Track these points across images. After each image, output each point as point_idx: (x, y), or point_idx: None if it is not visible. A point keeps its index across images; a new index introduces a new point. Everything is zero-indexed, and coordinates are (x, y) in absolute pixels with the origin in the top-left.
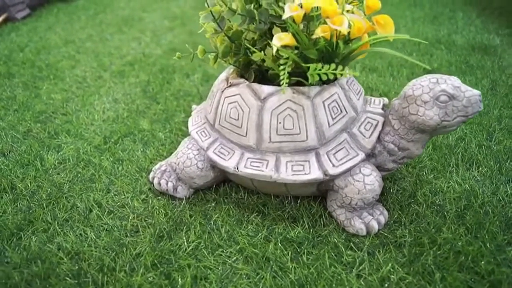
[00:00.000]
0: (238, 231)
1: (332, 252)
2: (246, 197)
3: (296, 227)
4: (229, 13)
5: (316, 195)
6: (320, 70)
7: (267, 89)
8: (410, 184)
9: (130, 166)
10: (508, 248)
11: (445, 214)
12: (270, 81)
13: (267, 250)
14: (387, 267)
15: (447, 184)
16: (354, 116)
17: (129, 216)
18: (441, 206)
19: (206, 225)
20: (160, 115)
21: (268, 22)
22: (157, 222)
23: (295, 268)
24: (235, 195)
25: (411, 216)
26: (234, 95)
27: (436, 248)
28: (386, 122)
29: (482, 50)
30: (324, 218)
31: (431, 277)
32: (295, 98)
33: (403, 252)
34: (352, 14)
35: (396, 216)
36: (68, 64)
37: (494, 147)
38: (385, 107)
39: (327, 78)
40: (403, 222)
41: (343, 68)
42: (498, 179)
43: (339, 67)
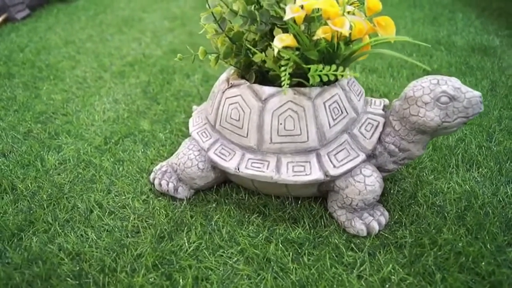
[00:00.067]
0: (239, 231)
1: (333, 253)
2: (246, 197)
3: (297, 228)
4: (230, 14)
5: (316, 196)
6: (321, 71)
7: (268, 90)
8: (411, 185)
9: (130, 167)
10: (509, 249)
11: (445, 215)
12: (271, 82)
13: (268, 251)
14: (388, 268)
15: (448, 185)
16: (355, 117)
17: (130, 217)
18: (441, 207)
19: (207, 225)
20: (161, 116)
21: (269, 23)
22: (158, 223)
23: (296, 269)
24: (236, 196)
25: (411, 217)
26: (235, 96)
27: (437, 249)
28: (386, 123)
29: (481, 51)
30: (324, 219)
31: (431, 278)
32: (296, 99)
33: (403, 253)
34: (353, 15)
35: (396, 217)
36: (68, 64)
37: (494, 148)
38: (385, 108)
39: (328, 79)
40: (404, 223)
41: (344, 69)
42: (498, 180)
43: (340, 68)
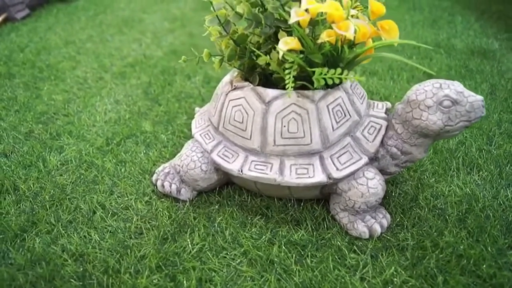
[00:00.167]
0: (242, 233)
1: (335, 255)
2: (249, 199)
3: (299, 230)
4: (235, 17)
5: (319, 198)
6: (325, 74)
7: (272, 92)
8: (412, 187)
9: (133, 168)
10: (509, 252)
11: (446, 217)
12: (274, 84)
13: (271, 253)
14: (390, 270)
15: (448, 188)
16: (358, 120)
17: (133, 218)
18: (442, 210)
19: (210, 227)
20: (162, 117)
21: (273, 26)
22: (161, 224)
23: (299, 271)
24: (239, 198)
25: (413, 219)
26: (239, 98)
27: (439, 251)
28: (389, 126)
29: (481, 55)
30: (327, 221)
31: (433, 280)
32: (299, 101)
33: (405, 255)
34: (357, 19)
35: (398, 219)
36: (68, 65)
37: (494, 152)
38: (388, 111)
39: (332, 82)
40: (406, 225)
41: (348, 72)
42: (498, 183)
43: (345, 72)
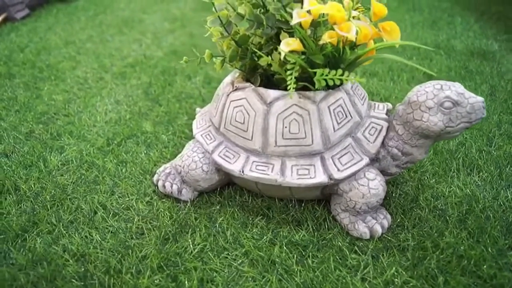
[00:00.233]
0: (243, 234)
1: (336, 256)
2: (250, 200)
3: (300, 230)
4: (237, 18)
5: (320, 198)
6: (327, 75)
7: (273, 93)
8: (412, 188)
9: (134, 168)
10: (510, 252)
11: (447, 218)
12: (276, 85)
13: (273, 253)
14: (391, 271)
15: (449, 188)
16: (359, 121)
17: (134, 218)
18: (443, 211)
19: (211, 227)
20: (163, 117)
21: (275, 27)
22: (162, 225)
23: (300, 271)
24: (240, 198)
25: (413, 220)
26: (240, 99)
27: (439, 252)
28: (390, 127)
29: (481, 56)
30: (328, 222)
31: (434, 280)
32: (301, 102)
33: (406, 256)
34: (358, 20)
35: (399, 220)
36: (68, 65)
37: (494, 153)
38: (388, 113)
39: (333, 83)
40: (406, 226)
41: (349, 74)
42: (498, 184)
43: (346, 73)
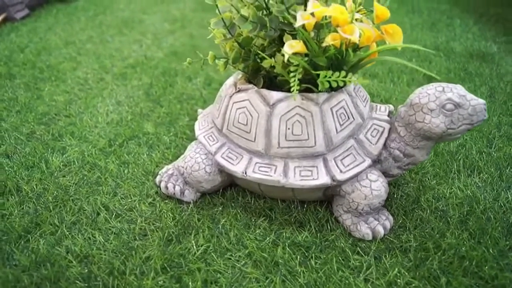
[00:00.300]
0: (246, 235)
1: (339, 257)
2: (252, 201)
3: (303, 231)
4: (241, 20)
5: (322, 200)
6: (330, 77)
7: (276, 95)
8: (414, 189)
9: (136, 169)
10: (511, 253)
11: (448, 219)
12: (278, 87)
13: (276, 254)
14: (394, 272)
15: (450, 190)
16: (361, 122)
17: (137, 220)
18: (444, 212)
19: (214, 229)
20: (164, 118)
21: (278, 29)
22: (165, 226)
23: (303, 272)
24: (242, 199)
25: (415, 221)
26: (243, 101)
27: (441, 253)
28: (392, 129)
29: (480, 58)
30: (330, 223)
31: (437, 281)
32: (303, 104)
33: (408, 257)
34: (361, 22)
35: (400, 221)
36: (69, 65)
37: (494, 154)
38: (390, 114)
39: (337, 85)
40: (408, 227)
41: (352, 75)
42: (499, 186)
43: (349, 75)
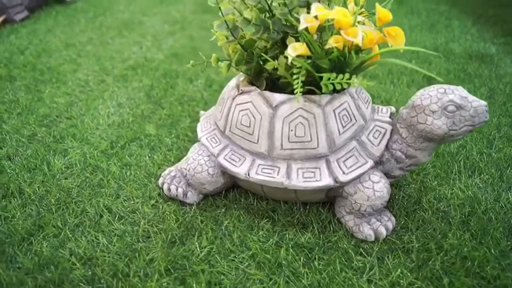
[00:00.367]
0: (250, 236)
1: (342, 258)
2: (255, 203)
3: (306, 233)
4: (243, 22)
5: (324, 201)
6: (333, 79)
7: (279, 97)
8: (415, 190)
9: (138, 171)
10: None
11: (450, 220)
12: (281, 89)
13: (279, 256)
14: (397, 272)
15: (451, 191)
16: (363, 124)
17: (140, 222)
18: (445, 213)
19: (218, 230)
20: (166, 120)
21: (281, 32)
22: (168, 228)
23: (307, 273)
24: (245, 201)
25: (417, 222)
26: (246, 103)
27: (443, 253)
28: (394, 131)
29: (479, 59)
30: (333, 224)
31: (439, 282)
32: (306, 106)
33: (411, 258)
34: (363, 25)
35: (402, 222)
36: (69, 67)
37: (495, 155)
38: (392, 116)
39: (341, 87)
40: (410, 228)
41: (355, 77)
42: (499, 186)
43: (353, 77)
